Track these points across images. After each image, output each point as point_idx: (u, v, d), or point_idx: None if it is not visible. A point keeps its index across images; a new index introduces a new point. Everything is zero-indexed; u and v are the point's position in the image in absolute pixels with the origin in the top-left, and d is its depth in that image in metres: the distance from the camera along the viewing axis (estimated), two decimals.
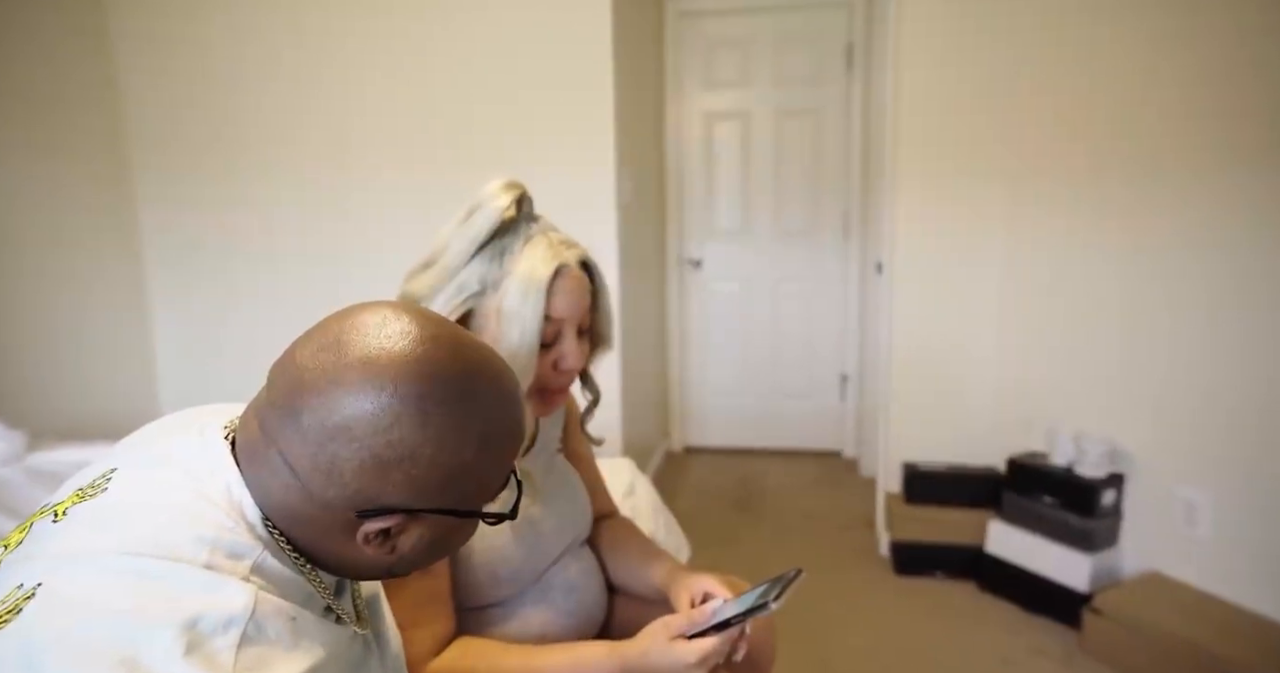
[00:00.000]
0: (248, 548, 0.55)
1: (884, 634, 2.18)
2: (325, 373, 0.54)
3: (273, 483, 0.56)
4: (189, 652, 0.48)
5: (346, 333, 0.56)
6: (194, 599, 0.50)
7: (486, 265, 0.99)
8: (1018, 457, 2.36)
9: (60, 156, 2.52)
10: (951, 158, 2.54)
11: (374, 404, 0.53)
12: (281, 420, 0.55)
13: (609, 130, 2.62)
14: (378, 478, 0.54)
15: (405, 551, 0.60)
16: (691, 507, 3.16)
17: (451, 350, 0.57)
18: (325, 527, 0.57)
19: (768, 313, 3.72)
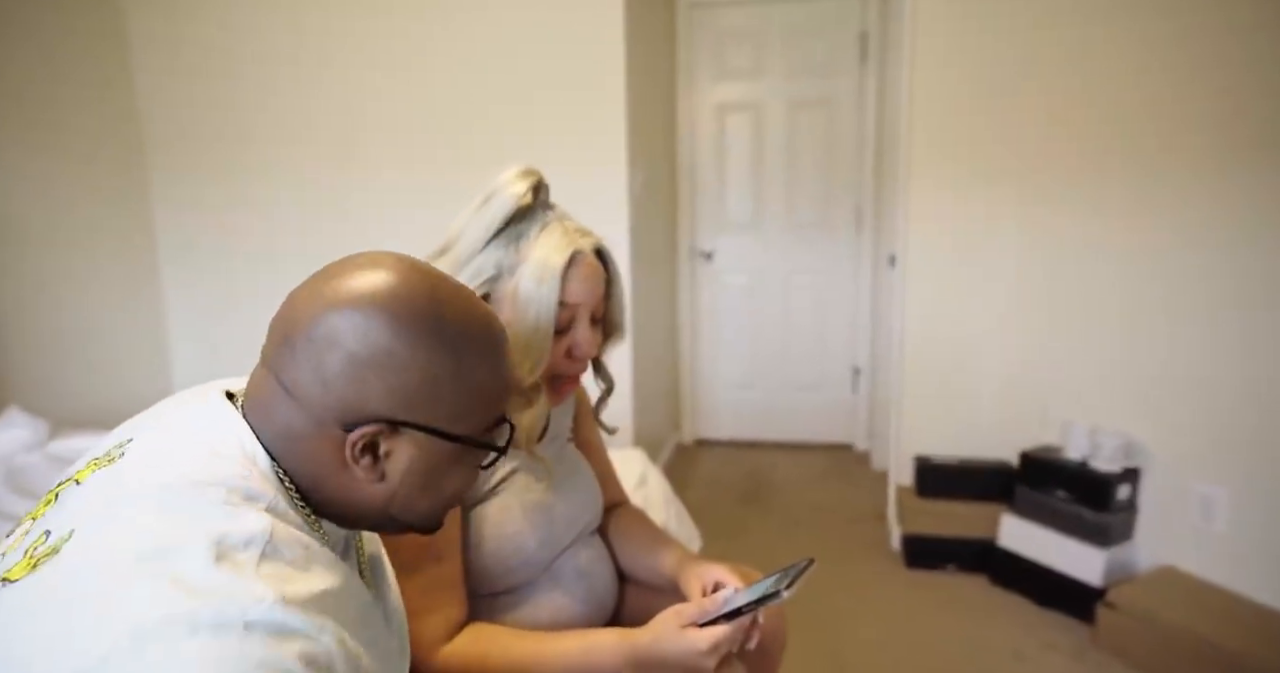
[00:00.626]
0: (261, 493, 0.58)
1: (895, 627, 2.17)
2: (315, 299, 0.60)
3: (274, 415, 0.61)
4: (218, 560, 0.51)
5: (333, 269, 0.63)
6: (217, 522, 0.53)
7: (502, 251, 0.99)
8: (1031, 451, 2.34)
9: (77, 156, 2.53)
10: (966, 150, 2.52)
11: (353, 315, 0.59)
12: (277, 346, 0.61)
13: (620, 123, 2.61)
14: (356, 381, 0.59)
15: (396, 478, 0.62)
16: (701, 499, 3.15)
17: (429, 276, 0.64)
18: (321, 452, 0.61)
19: (779, 306, 3.71)
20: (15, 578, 0.52)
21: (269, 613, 0.50)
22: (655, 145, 3.22)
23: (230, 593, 0.50)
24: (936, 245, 2.57)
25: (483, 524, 1.02)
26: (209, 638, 0.47)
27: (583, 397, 1.28)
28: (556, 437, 1.18)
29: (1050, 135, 2.39)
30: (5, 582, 0.53)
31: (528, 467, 1.08)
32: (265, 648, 0.49)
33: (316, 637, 0.52)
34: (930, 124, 2.53)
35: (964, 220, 2.54)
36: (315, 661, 0.51)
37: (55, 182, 2.44)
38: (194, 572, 0.50)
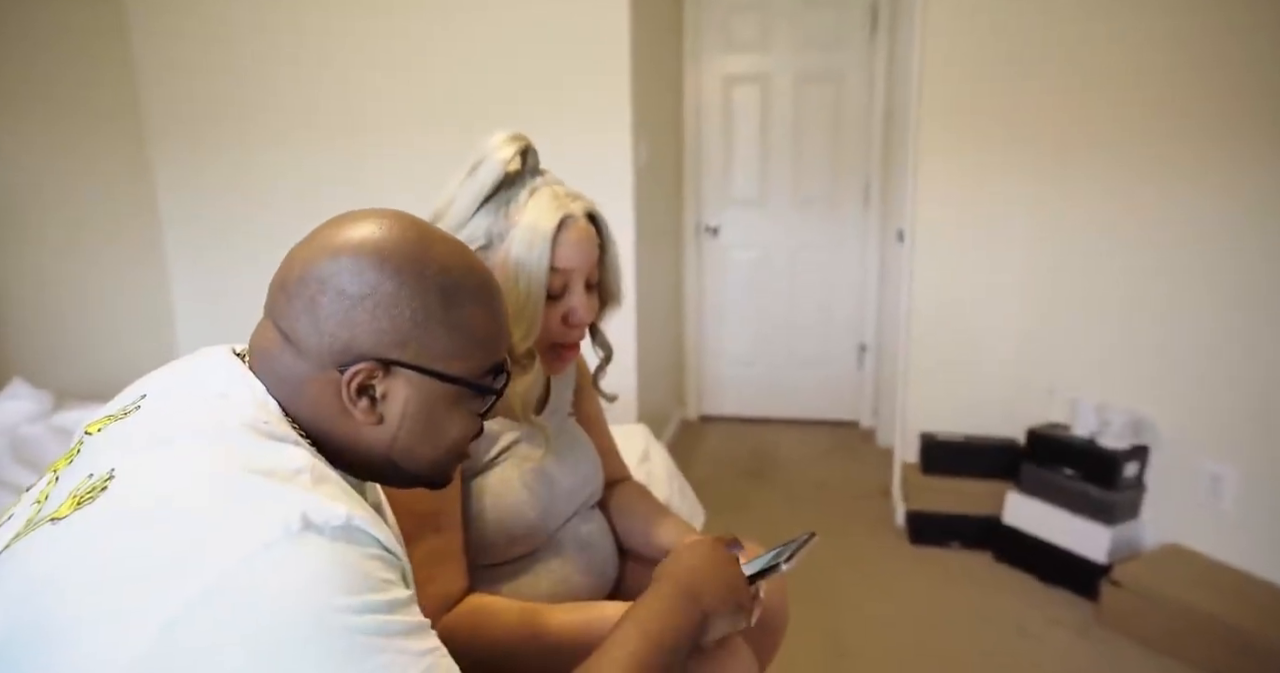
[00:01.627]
0: (287, 436, 0.60)
1: (898, 604, 2.16)
2: (308, 248, 0.63)
3: (276, 361, 0.63)
4: (284, 483, 0.55)
5: (325, 226, 0.65)
6: (260, 456, 0.56)
7: (492, 218, 0.97)
8: (1038, 428, 2.31)
9: (79, 133, 2.50)
10: (977, 125, 2.45)
11: (345, 260, 0.61)
12: (276, 295, 0.63)
13: (625, 94, 2.55)
14: (346, 318, 0.61)
15: (394, 420, 0.64)
16: (705, 475, 3.14)
17: (417, 226, 0.65)
18: (322, 396, 0.62)
19: (785, 281, 3.66)
20: (63, 515, 0.55)
21: (345, 522, 0.54)
22: (661, 118, 3.16)
23: (310, 505, 0.53)
24: (945, 221, 2.52)
25: (483, 495, 1.00)
26: (306, 543, 0.52)
27: (584, 371, 1.25)
28: (557, 410, 1.16)
29: (1063, 110, 2.33)
30: (53, 521, 0.55)
31: (528, 438, 1.06)
32: (352, 552, 0.54)
33: (385, 548, 0.57)
34: (940, 97, 2.46)
35: (973, 196, 2.49)
36: (389, 568, 0.56)
37: (59, 159, 2.41)
38: (256, 491, 0.54)
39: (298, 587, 0.51)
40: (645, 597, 0.80)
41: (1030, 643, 1.96)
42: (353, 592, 0.52)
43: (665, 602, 0.79)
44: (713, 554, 0.86)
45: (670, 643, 0.75)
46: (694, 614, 0.79)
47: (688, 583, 0.82)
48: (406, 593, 0.57)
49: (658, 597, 0.80)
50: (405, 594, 0.57)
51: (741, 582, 0.85)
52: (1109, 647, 1.92)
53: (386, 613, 0.54)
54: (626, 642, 0.73)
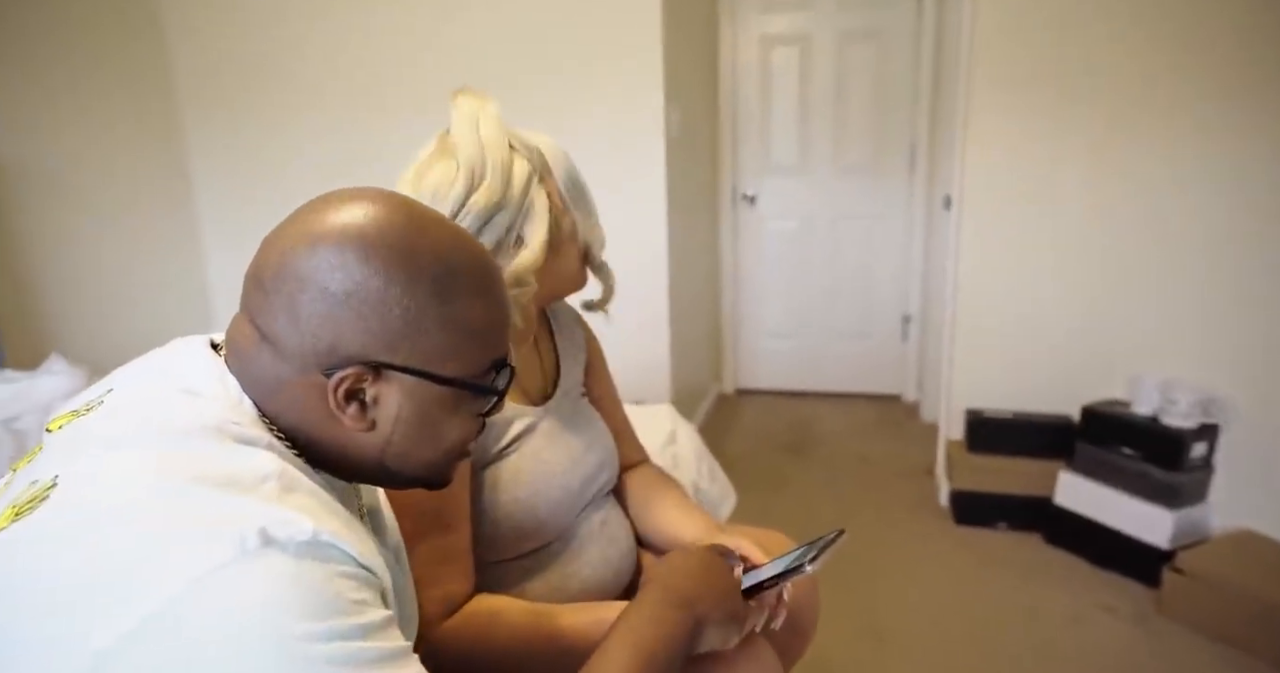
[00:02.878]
0: (256, 437, 0.54)
1: (940, 586, 2.04)
2: (286, 237, 0.56)
3: (256, 366, 0.56)
4: (241, 493, 0.49)
5: (304, 209, 0.58)
6: (221, 463, 0.50)
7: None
8: (1094, 405, 2.14)
9: (110, 105, 2.47)
10: (1031, 86, 2.25)
11: (325, 250, 0.54)
12: (253, 291, 0.56)
13: (657, 57, 2.42)
14: (330, 319, 0.54)
15: (386, 425, 0.57)
16: (742, 450, 3.04)
17: (405, 208, 0.57)
18: (305, 402, 0.56)
19: (826, 251, 3.50)
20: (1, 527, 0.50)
21: (312, 537, 0.48)
22: (695, 82, 3.01)
23: (271, 519, 0.48)
24: (995, 186, 2.34)
25: (493, 489, 0.92)
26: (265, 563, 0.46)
27: (594, 349, 1.15)
28: (568, 392, 1.07)
29: (1123, 66, 2.12)
30: None
31: (539, 426, 0.98)
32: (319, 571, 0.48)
33: (361, 565, 0.51)
34: (992, 55, 2.26)
35: (1026, 158, 2.30)
36: (363, 588, 0.50)
37: (91, 131, 2.39)
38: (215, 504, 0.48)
39: (254, 614, 0.45)
40: (635, 604, 0.73)
41: (1083, 631, 1.83)
42: (318, 616, 0.46)
43: (656, 610, 0.72)
44: (707, 561, 0.79)
45: (662, 656, 0.68)
46: (687, 623, 0.72)
47: (680, 590, 0.74)
48: (382, 615, 0.51)
49: (648, 605, 0.72)
50: (381, 616, 0.51)
51: (736, 592, 0.78)
52: (1169, 638, 1.78)
53: (358, 639, 0.48)
54: (616, 656, 0.67)
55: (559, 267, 0.96)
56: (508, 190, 0.87)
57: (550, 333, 1.09)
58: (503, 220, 0.87)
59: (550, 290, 0.98)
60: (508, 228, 0.88)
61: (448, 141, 0.90)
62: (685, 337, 2.93)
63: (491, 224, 0.87)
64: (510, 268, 0.88)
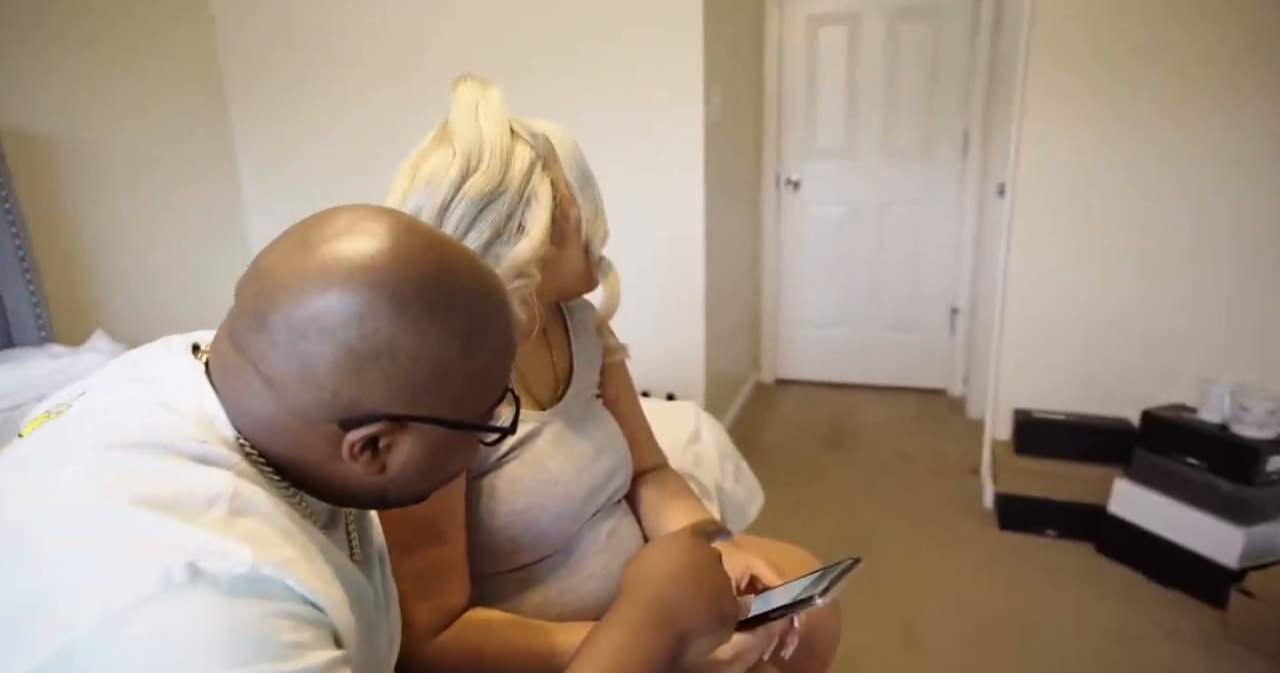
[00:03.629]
0: (223, 458, 0.49)
1: (980, 594, 1.91)
2: (292, 274, 0.48)
3: (248, 401, 0.50)
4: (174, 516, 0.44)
5: (314, 233, 0.50)
6: (169, 484, 0.46)
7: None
8: (1156, 409, 1.97)
9: (157, 80, 2.45)
10: (1095, 67, 2.06)
11: (344, 295, 0.47)
12: (249, 328, 0.49)
13: (696, 39, 2.29)
14: (354, 376, 0.48)
15: (396, 469, 0.53)
16: (779, 441, 2.93)
17: (427, 244, 0.51)
18: (308, 444, 0.51)
19: (872, 239, 3.33)
20: None
21: (249, 571, 0.44)
22: (738, 63, 2.87)
23: (207, 549, 0.43)
24: (1052, 172, 2.16)
25: (490, 498, 0.84)
26: (191, 600, 0.42)
27: (610, 348, 1.06)
28: (580, 393, 0.98)
29: (1192, 45, 1.92)
30: None
31: (544, 431, 0.90)
32: (252, 610, 0.43)
33: (309, 602, 0.46)
34: (1054, 34, 2.07)
35: (1086, 144, 2.11)
36: (303, 627, 0.45)
37: (138, 108, 2.37)
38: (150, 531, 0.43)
39: (166, 657, 0.41)
40: (608, 619, 0.63)
41: (1137, 650, 1.68)
42: (242, 661, 0.42)
43: (630, 631, 0.61)
44: (689, 554, 0.67)
45: None
46: (668, 644, 0.62)
47: (658, 597, 0.64)
48: (322, 659, 0.46)
49: (621, 625, 0.62)
50: (320, 661, 0.45)
51: (725, 589, 0.67)
52: (1235, 663, 1.62)
53: None
54: None
55: (565, 260, 0.88)
56: (506, 176, 0.80)
57: (565, 331, 1.01)
58: (501, 207, 0.80)
59: (558, 287, 0.90)
60: (508, 215, 0.81)
61: (447, 129, 0.84)
62: (723, 324, 2.81)
63: (488, 210, 0.80)
64: (510, 257, 0.81)
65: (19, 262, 1.94)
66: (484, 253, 0.81)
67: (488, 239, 0.80)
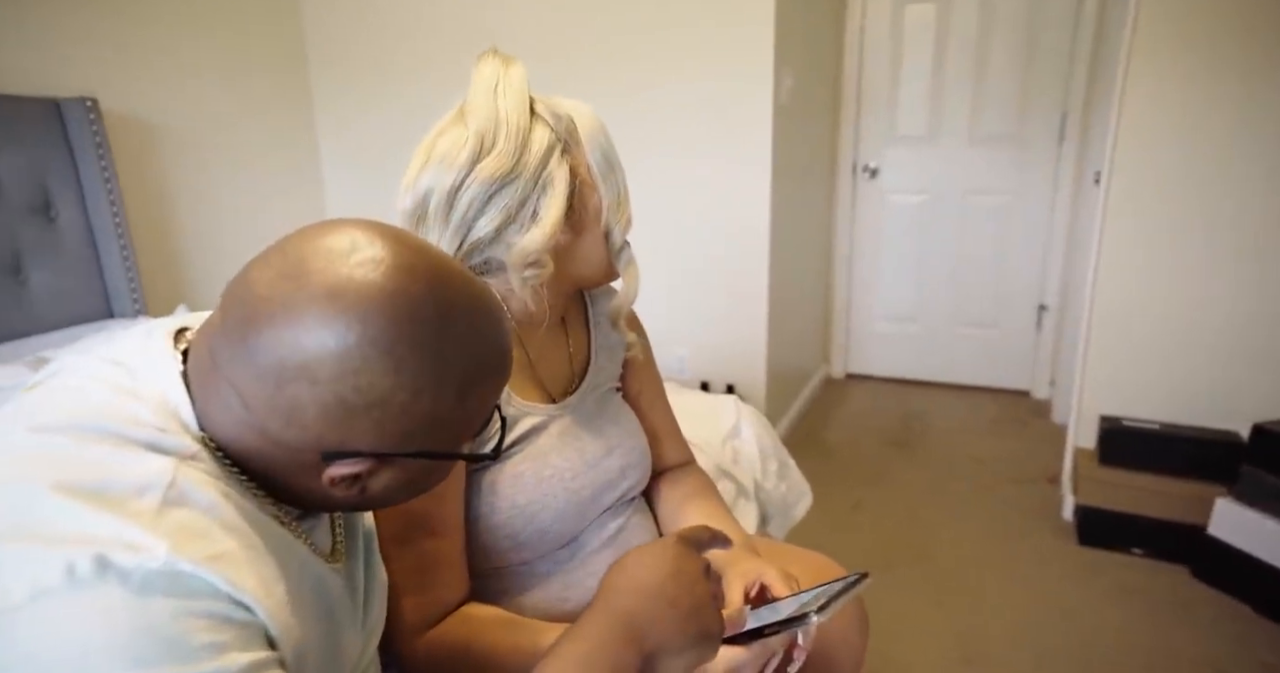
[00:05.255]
0: (176, 447, 0.46)
1: (1052, 614, 1.72)
2: (284, 304, 0.45)
3: (224, 417, 0.48)
4: (95, 505, 0.41)
5: (309, 259, 0.46)
6: (100, 469, 0.43)
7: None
8: (1269, 424, 1.73)
9: (244, 69, 2.48)
10: (1204, 47, 1.80)
11: (339, 345, 0.44)
12: (234, 352, 0.46)
13: (768, 17, 2.16)
14: (343, 424, 0.46)
15: (376, 491, 0.51)
16: (845, 438, 2.77)
17: (429, 283, 0.47)
18: (283, 462, 0.49)
19: (953, 229, 3.10)
20: None
21: (164, 566, 0.41)
22: (814, 44, 2.70)
23: (120, 541, 0.40)
24: (1154, 160, 1.91)
25: (491, 493, 0.79)
26: (93, 595, 0.39)
27: (638, 343, 0.96)
28: (597, 386, 0.91)
29: None
30: None
31: (551, 426, 0.83)
32: (164, 608, 0.40)
33: (230, 599, 0.43)
34: (1163, 9, 1.83)
35: (1193, 131, 1.86)
36: (223, 628, 0.42)
37: (227, 92, 2.41)
38: (64, 519, 0.41)
39: (62, 657, 0.38)
40: (575, 629, 0.57)
41: None
42: (146, 663, 0.39)
43: (593, 643, 0.55)
44: (670, 565, 0.59)
45: None
46: (634, 655, 0.55)
47: (629, 611, 0.57)
48: (242, 660, 0.42)
49: (587, 635, 0.56)
50: (239, 663, 0.42)
51: (706, 605, 0.59)
52: None
53: None
54: None
55: (583, 249, 0.81)
56: (521, 159, 0.75)
57: (586, 322, 0.93)
58: (515, 192, 0.75)
59: (575, 276, 0.83)
60: (521, 201, 0.75)
61: (465, 108, 0.79)
62: (789, 315, 2.67)
63: (500, 195, 0.75)
64: (521, 244, 0.75)
65: (118, 238, 2.02)
66: (494, 238, 0.76)
67: (499, 224, 0.75)
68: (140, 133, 2.15)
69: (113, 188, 1.98)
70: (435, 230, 0.76)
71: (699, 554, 0.61)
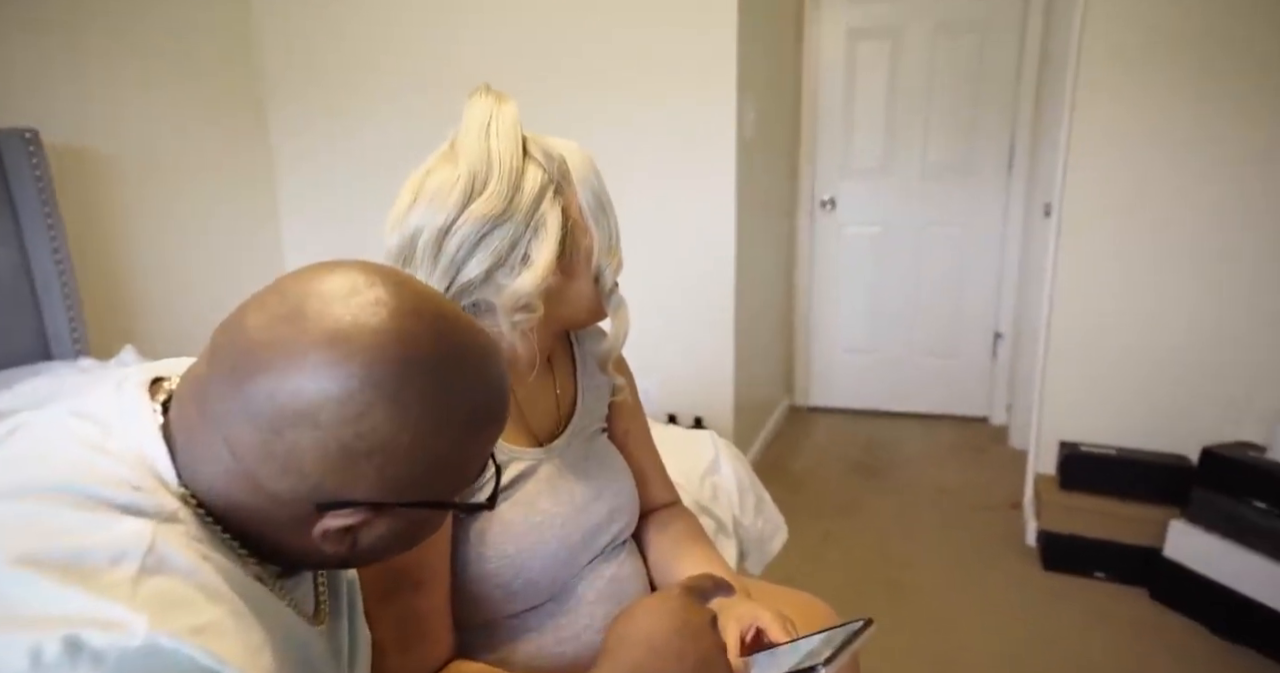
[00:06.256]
0: (154, 508, 0.44)
1: (1022, 638, 1.77)
2: (282, 350, 0.44)
3: (209, 469, 0.46)
4: (65, 579, 0.39)
5: (308, 301, 0.46)
6: (69, 538, 0.40)
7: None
8: (1218, 447, 1.82)
9: (196, 92, 2.45)
10: (1149, 79, 1.93)
11: (342, 390, 0.44)
12: (227, 399, 0.45)
13: (730, 51, 2.23)
14: (343, 471, 0.45)
15: (366, 545, 0.50)
16: (810, 469, 2.82)
17: (434, 328, 0.47)
18: (272, 517, 0.47)
19: (910, 260, 3.21)
20: None
21: (144, 644, 0.38)
22: (774, 78, 2.79)
23: (94, 619, 0.38)
24: (1102, 191, 2.03)
25: (479, 542, 0.78)
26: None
27: (622, 386, 0.96)
28: (583, 428, 0.91)
29: (1253, 65, 1.79)
30: None
31: (540, 470, 0.83)
32: None
33: None
34: (1106, 44, 1.96)
35: (1139, 162, 1.98)
36: None
37: (180, 124, 2.38)
38: (31, 597, 0.38)
39: None
40: None
41: None
42: None
43: None
44: (677, 617, 0.60)
45: None
46: None
47: (637, 666, 0.57)
48: None
49: None
50: None
51: (716, 653, 0.60)
52: None
53: None
54: None
55: (572, 292, 0.81)
56: (513, 201, 0.74)
57: (573, 362, 0.93)
58: (507, 234, 0.74)
59: (563, 318, 0.83)
60: (513, 243, 0.75)
61: (455, 146, 0.78)
62: (754, 347, 2.72)
63: (491, 237, 0.74)
64: (512, 288, 0.75)
65: (59, 276, 1.95)
66: (484, 280, 0.75)
67: (489, 266, 0.74)
68: (86, 165, 2.10)
69: (54, 223, 1.93)
70: (423, 270, 0.76)
71: (705, 605, 0.62)
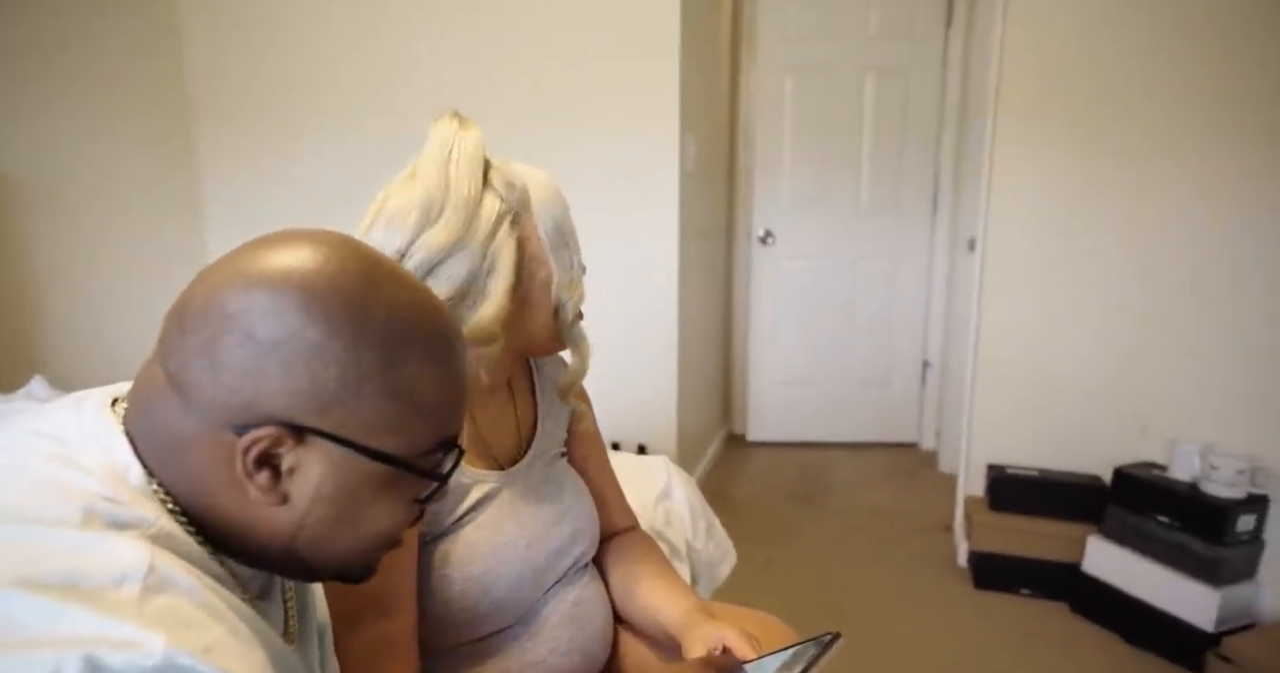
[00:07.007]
0: (139, 519, 0.45)
1: (956, 655, 1.88)
2: (216, 274, 0.49)
3: (156, 411, 0.48)
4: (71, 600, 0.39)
5: (250, 245, 0.50)
6: (65, 560, 0.41)
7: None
8: (1127, 467, 1.99)
9: (121, 116, 2.39)
10: (1063, 121, 2.14)
11: (260, 294, 0.47)
12: (169, 333, 0.49)
13: (673, 87, 2.33)
14: (255, 372, 0.46)
15: (302, 503, 0.49)
16: (750, 497, 2.90)
17: (360, 256, 0.50)
18: (209, 463, 0.47)
19: (843, 293, 3.37)
20: None
21: (162, 662, 0.39)
22: (712, 114, 2.93)
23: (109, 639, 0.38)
24: (1022, 228, 2.21)
25: (444, 565, 0.80)
26: None
27: (580, 412, 1.00)
28: (544, 452, 0.94)
29: (1159, 105, 2.00)
30: None
31: (502, 493, 0.86)
32: None
33: None
34: (1021, 93, 2.16)
35: (1056, 200, 2.18)
36: None
37: (100, 149, 2.31)
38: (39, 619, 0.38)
39: None
40: None
41: None
42: None
43: None
44: None
45: None
46: None
47: None
48: None
49: None
50: None
51: None
52: None
53: None
54: None
55: (530, 322, 0.83)
56: (469, 230, 0.76)
57: (532, 387, 0.97)
58: (464, 264, 0.76)
59: (520, 346, 0.85)
60: (471, 275, 0.76)
61: (415, 170, 0.80)
62: (694, 377, 2.80)
63: (446, 264, 0.76)
64: (473, 320, 0.76)
65: None
66: None
67: (449, 297, 0.76)
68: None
69: None
70: None
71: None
